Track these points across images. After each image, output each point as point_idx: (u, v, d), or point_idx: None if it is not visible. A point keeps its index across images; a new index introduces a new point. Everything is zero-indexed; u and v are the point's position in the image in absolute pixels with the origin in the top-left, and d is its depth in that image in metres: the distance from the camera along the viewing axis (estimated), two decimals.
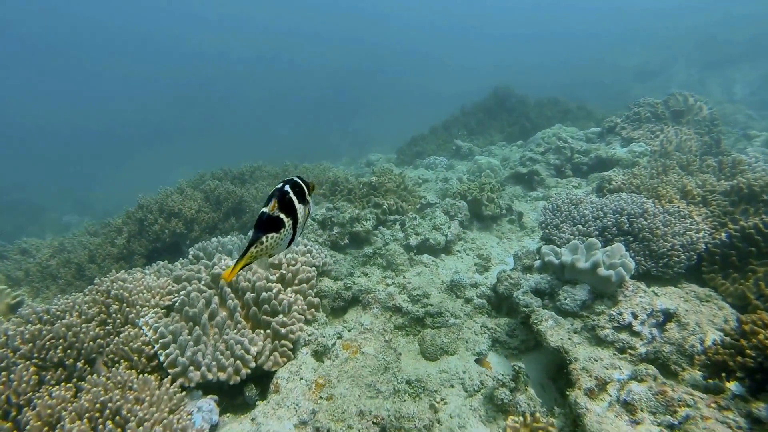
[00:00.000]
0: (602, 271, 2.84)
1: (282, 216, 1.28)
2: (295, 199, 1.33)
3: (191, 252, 3.64)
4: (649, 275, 3.28)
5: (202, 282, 2.96)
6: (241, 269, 1.24)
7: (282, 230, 1.29)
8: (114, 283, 2.75)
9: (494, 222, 5.27)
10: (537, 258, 3.81)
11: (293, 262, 3.10)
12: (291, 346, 2.70)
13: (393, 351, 3.11)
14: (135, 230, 4.90)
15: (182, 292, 2.77)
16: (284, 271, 3.04)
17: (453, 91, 28.33)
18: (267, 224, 1.26)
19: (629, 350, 2.59)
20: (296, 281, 3.04)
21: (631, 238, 3.30)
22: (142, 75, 31.48)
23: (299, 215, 1.36)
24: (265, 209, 1.27)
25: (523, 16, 45.50)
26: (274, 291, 2.82)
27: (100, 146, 22.94)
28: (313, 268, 3.17)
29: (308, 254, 3.24)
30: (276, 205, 1.27)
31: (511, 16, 46.07)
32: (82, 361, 2.25)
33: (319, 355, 2.89)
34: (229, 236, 3.89)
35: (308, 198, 1.45)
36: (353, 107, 26.92)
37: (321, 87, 28.87)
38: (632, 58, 25.13)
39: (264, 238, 1.25)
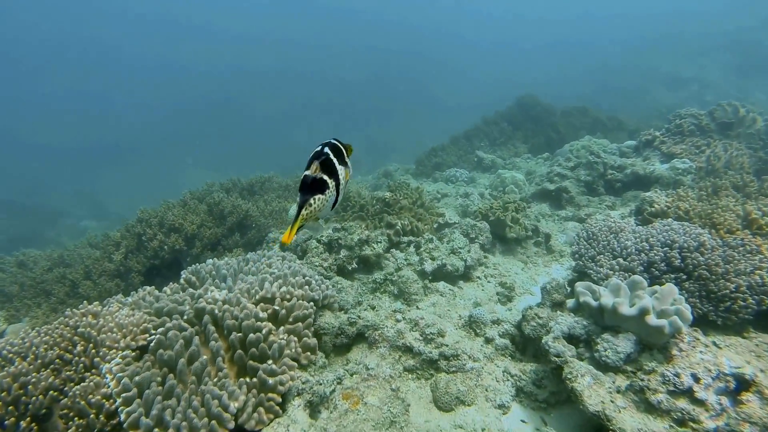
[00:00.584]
0: (652, 320, 2.36)
1: (325, 177, 1.31)
2: (335, 160, 1.37)
3: (183, 276, 3.30)
4: (705, 319, 2.77)
5: (185, 316, 2.60)
6: (296, 232, 1.27)
7: (327, 191, 1.32)
8: (84, 318, 2.42)
9: (519, 245, 4.79)
10: (568, 290, 3.34)
11: (288, 296, 2.72)
12: (279, 400, 2.31)
13: (401, 401, 2.68)
14: (133, 245, 4.63)
15: (159, 330, 2.42)
16: (277, 307, 2.66)
17: (474, 102, 27.75)
18: (312, 186, 1.28)
19: (691, 423, 2.09)
20: (291, 319, 2.66)
21: (684, 276, 2.80)
22: (162, 83, 32.01)
23: (341, 177, 1.40)
24: (307, 172, 1.30)
25: (546, 25, 44.66)
26: (263, 332, 2.44)
27: (120, 152, 23.29)
28: (312, 303, 2.78)
29: (306, 287, 2.85)
30: (318, 167, 1.29)
31: (534, 25, 45.27)
32: (27, 420, 1.91)
33: (314, 406, 2.49)
34: (225, 258, 3.55)
35: (347, 160, 1.48)
36: (372, 115, 26.66)
37: (340, 95, 28.75)
38: (662, 65, 24.14)
39: (312, 200, 1.27)
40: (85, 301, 2.51)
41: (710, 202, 3.67)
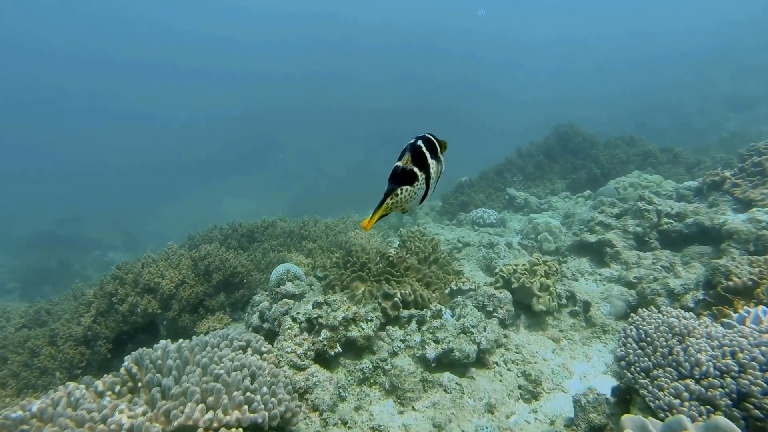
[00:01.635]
0: None
1: (415, 169, 1.29)
2: (427, 154, 1.35)
3: (125, 364, 2.70)
4: None
5: None
6: (378, 220, 1.22)
7: (415, 183, 1.29)
8: None
9: (549, 315, 3.88)
10: (612, 401, 2.44)
11: (215, 426, 2.01)
12: None
13: None
14: (103, 307, 4.14)
15: None
16: None
17: (511, 127, 26.84)
18: (401, 177, 1.26)
19: None
20: None
21: None
22: (197, 111, 33.29)
23: (432, 170, 1.37)
24: (398, 163, 1.28)
25: (593, 46, 43.16)
26: None
27: (156, 180, 24.04)
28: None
29: (246, 406, 2.14)
30: (410, 158, 1.28)
31: (580, 47, 43.86)
32: None
33: None
34: (186, 342, 2.90)
35: (440, 156, 1.46)
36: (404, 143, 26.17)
37: (376, 124, 28.55)
38: (722, 85, 22.20)
39: (399, 190, 1.25)
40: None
41: None
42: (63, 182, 24.08)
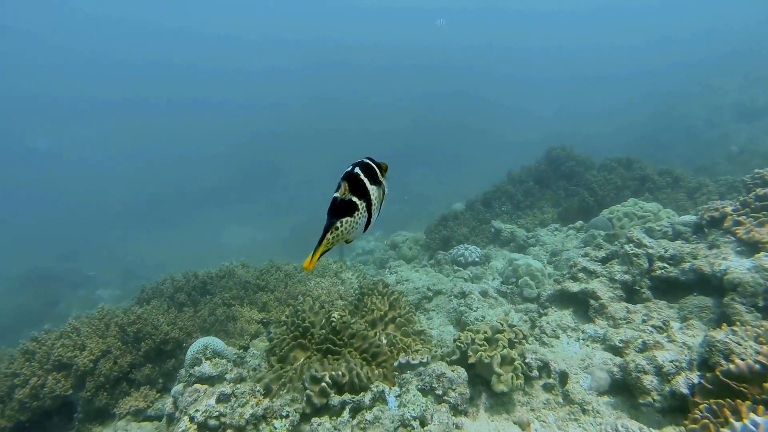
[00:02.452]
0: None
1: (354, 199, 1.26)
2: (366, 180, 1.31)
3: None
4: None
5: None
6: (320, 257, 1.17)
7: (356, 213, 1.27)
8: None
9: (518, 392, 3.25)
10: None
11: None
12: None
13: None
14: (4, 390, 3.61)
15: None
16: None
17: (521, 139, 26.30)
18: (340, 209, 1.23)
19: None
20: None
21: None
22: (197, 142, 33.45)
23: (372, 197, 1.33)
24: (336, 194, 1.24)
25: (594, 55, 42.73)
26: None
27: (156, 212, 23.90)
28: None
29: None
30: (347, 188, 1.24)
31: (580, 55, 43.47)
32: None
33: None
34: None
35: (381, 179, 1.41)
36: (414, 163, 25.75)
37: (381, 145, 28.25)
38: (730, 94, 21.38)
39: (338, 224, 1.21)
40: None
41: None
42: (63, 216, 24.08)
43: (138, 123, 37.99)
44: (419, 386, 2.99)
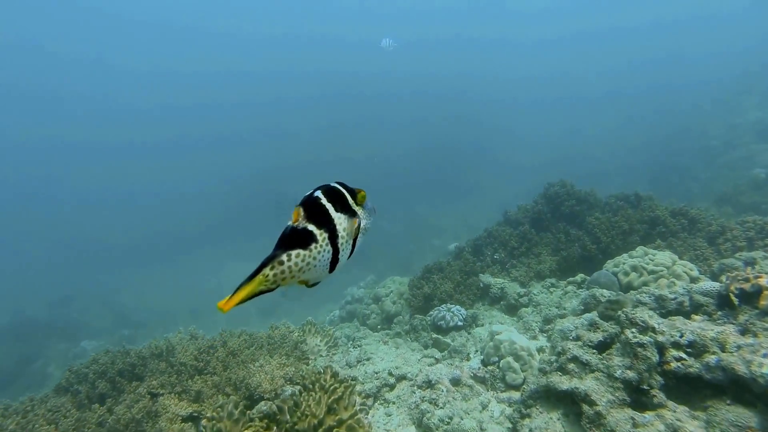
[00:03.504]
0: None
1: (311, 227, 1.02)
2: (329, 206, 1.07)
3: None
4: None
5: None
6: (249, 299, 0.93)
7: (313, 246, 1.01)
8: None
9: None
10: None
11: None
12: None
13: None
14: None
15: None
16: None
17: (528, 162, 25.50)
18: (290, 239, 0.98)
19: None
20: None
21: None
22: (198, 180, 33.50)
23: (339, 227, 1.07)
24: (289, 222, 1.02)
25: (603, 76, 42.01)
26: None
27: (152, 250, 23.56)
28: None
29: None
30: (301, 213, 1.02)
31: (591, 75, 42.83)
32: None
33: None
34: None
35: (355, 208, 1.17)
36: (420, 192, 25.00)
37: (384, 174, 27.62)
38: (749, 111, 20.21)
39: (284, 257, 0.96)
40: None
41: None
42: (57, 259, 23.88)
43: (139, 163, 38.49)
44: None
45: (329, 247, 1.05)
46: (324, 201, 1.07)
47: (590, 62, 45.61)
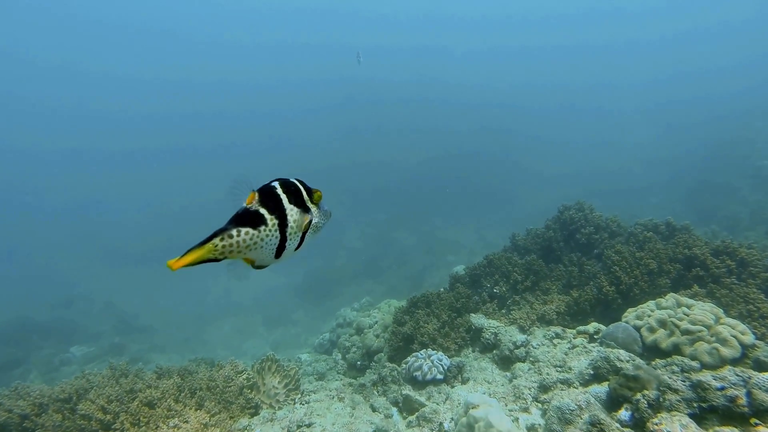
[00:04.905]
0: None
1: (263, 211, 1.10)
2: (283, 197, 1.15)
3: None
4: None
5: None
6: (198, 263, 0.98)
7: (262, 228, 1.09)
8: None
9: None
10: None
11: None
12: None
13: None
14: None
15: None
16: None
17: (558, 172, 24.25)
18: (242, 218, 1.07)
19: None
20: None
21: None
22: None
23: (290, 218, 1.16)
24: (244, 204, 1.10)
25: (639, 87, 39.94)
26: None
27: (165, 257, 23.28)
28: None
29: None
30: (256, 197, 1.10)
31: (627, 86, 40.83)
32: None
33: None
34: None
35: (309, 205, 1.25)
36: (435, 207, 23.93)
37: (398, 191, 26.63)
38: None
39: (234, 231, 1.05)
40: None
41: None
42: (66, 262, 24.01)
43: (153, 172, 39.05)
44: None
45: (278, 233, 1.12)
46: (279, 191, 1.15)
47: (627, 73, 43.61)
